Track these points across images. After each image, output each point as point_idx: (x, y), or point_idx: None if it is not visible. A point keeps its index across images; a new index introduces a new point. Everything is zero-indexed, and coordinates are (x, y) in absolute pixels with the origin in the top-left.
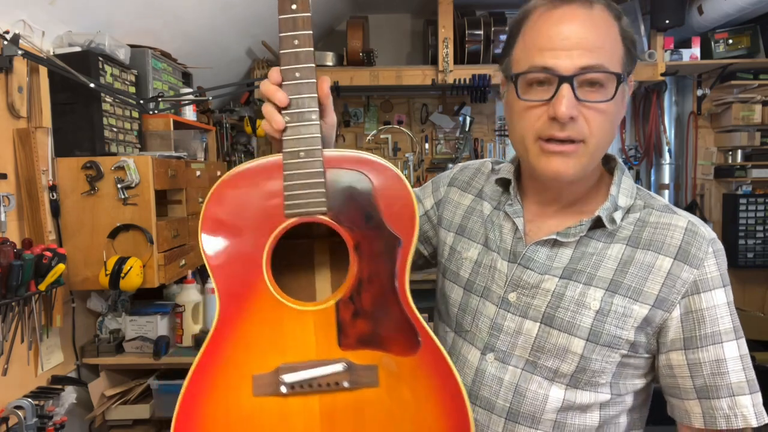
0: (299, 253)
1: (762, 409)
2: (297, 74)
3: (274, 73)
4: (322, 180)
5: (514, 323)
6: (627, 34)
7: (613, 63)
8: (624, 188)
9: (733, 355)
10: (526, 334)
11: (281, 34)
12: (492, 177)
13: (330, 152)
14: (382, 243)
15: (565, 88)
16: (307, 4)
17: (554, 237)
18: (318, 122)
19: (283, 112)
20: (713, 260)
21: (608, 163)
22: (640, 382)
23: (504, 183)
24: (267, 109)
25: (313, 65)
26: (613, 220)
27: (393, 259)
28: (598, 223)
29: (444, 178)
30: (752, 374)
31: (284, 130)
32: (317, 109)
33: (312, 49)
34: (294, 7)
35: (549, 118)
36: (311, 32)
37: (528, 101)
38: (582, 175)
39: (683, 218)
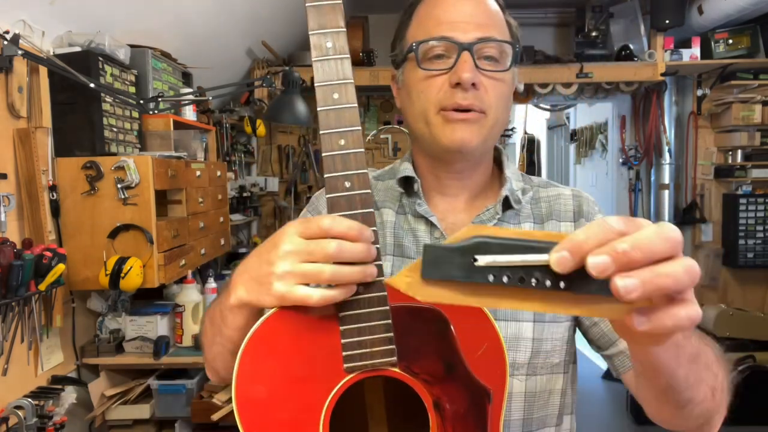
0: (349, 403)
1: None
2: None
3: (350, 230)
4: (389, 321)
5: None
6: (512, 24)
7: (505, 38)
8: (513, 172)
9: None
10: None
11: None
12: (378, 185)
13: (390, 281)
14: (468, 398)
15: (466, 54)
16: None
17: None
18: (377, 251)
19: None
20: (601, 215)
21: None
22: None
23: (405, 183)
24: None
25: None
26: (518, 200)
27: (483, 419)
28: (504, 206)
29: (319, 203)
30: None
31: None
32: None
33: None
34: (348, 184)
35: (451, 87)
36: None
37: (429, 70)
38: (483, 149)
39: (566, 188)
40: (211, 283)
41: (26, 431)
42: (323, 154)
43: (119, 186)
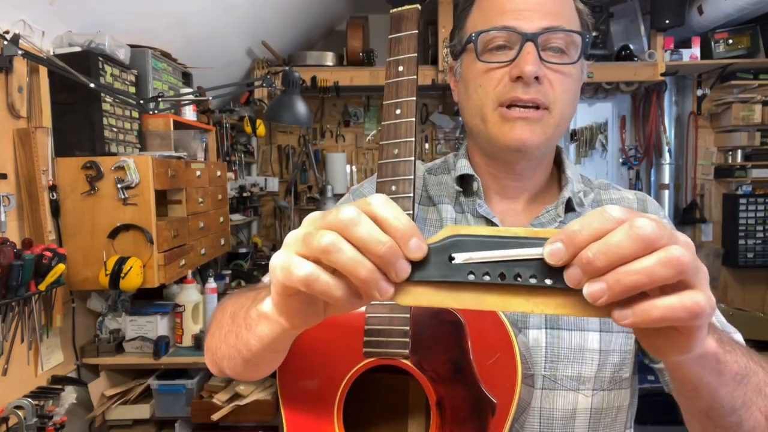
0: (395, 388)
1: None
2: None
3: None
4: (407, 316)
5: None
6: (582, 11)
7: (574, 27)
8: (574, 173)
9: None
10: (535, 345)
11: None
12: (431, 179)
13: None
14: (471, 405)
15: (530, 45)
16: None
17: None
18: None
19: None
20: (666, 220)
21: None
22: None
23: (462, 181)
24: (365, 271)
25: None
26: (581, 202)
27: (483, 429)
28: (566, 208)
29: (367, 188)
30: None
31: None
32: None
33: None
34: (394, 188)
35: (511, 80)
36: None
37: (488, 62)
38: (545, 148)
39: (629, 191)
40: (211, 283)
41: (26, 431)
42: (379, 162)
43: (119, 186)
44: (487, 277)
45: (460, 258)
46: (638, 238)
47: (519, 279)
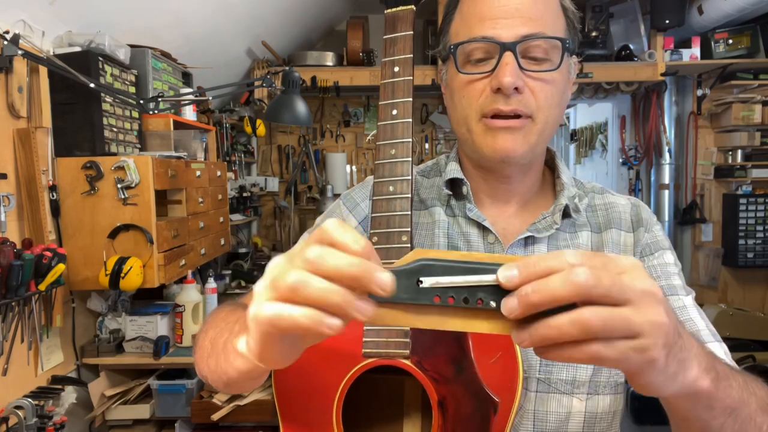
0: (390, 388)
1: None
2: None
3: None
4: None
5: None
6: (568, 8)
7: (556, 32)
8: (568, 177)
9: (691, 304)
10: (530, 348)
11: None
12: (424, 182)
13: None
14: (473, 404)
15: (508, 56)
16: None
17: (529, 234)
18: (408, 245)
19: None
20: (658, 226)
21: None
22: None
23: (452, 185)
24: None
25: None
26: (577, 208)
27: (486, 428)
28: (562, 215)
29: (358, 193)
30: (713, 328)
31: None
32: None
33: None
34: (392, 188)
35: (492, 92)
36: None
37: (468, 74)
38: (531, 156)
39: (622, 196)
40: (211, 283)
41: (26, 431)
42: (376, 162)
43: (119, 186)
44: (451, 300)
45: (427, 282)
46: (573, 284)
47: (480, 304)
